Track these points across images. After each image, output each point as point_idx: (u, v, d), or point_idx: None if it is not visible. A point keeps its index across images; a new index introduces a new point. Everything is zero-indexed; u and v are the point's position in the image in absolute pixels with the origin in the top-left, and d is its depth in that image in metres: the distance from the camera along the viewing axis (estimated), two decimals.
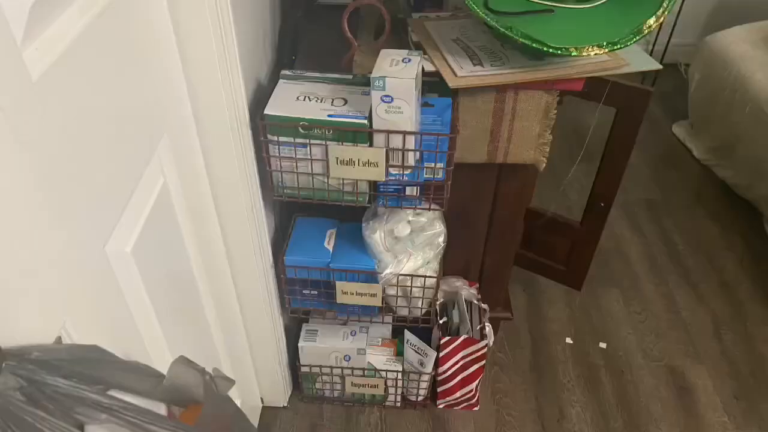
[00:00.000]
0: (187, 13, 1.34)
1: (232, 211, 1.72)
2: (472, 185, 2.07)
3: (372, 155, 1.62)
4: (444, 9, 2.04)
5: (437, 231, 1.94)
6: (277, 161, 1.68)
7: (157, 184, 1.35)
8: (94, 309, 1.06)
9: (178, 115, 1.46)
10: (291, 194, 1.75)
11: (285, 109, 1.61)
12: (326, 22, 2.15)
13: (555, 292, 2.90)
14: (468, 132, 1.83)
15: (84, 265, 1.04)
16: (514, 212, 2.15)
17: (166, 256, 1.43)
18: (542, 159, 1.88)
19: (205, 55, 1.40)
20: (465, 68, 1.69)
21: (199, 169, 1.59)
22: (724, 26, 3.68)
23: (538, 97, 1.77)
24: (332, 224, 2.06)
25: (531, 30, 1.58)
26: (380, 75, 1.50)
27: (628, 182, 3.50)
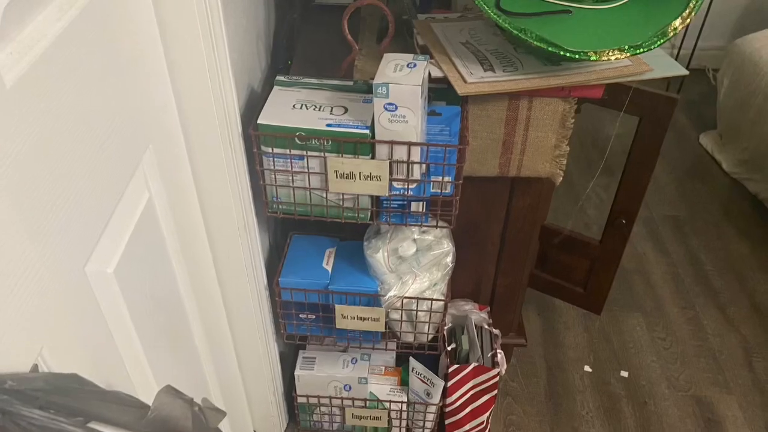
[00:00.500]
0: (174, 12, 1.34)
1: (222, 229, 1.72)
2: (482, 200, 2.07)
3: (374, 168, 1.62)
4: (452, 10, 2.05)
5: (445, 250, 1.93)
6: (272, 174, 1.68)
7: (141, 199, 1.34)
8: (74, 334, 1.06)
9: (163, 124, 1.46)
10: (286, 210, 1.75)
11: (280, 118, 1.61)
12: (325, 23, 2.16)
13: (572, 316, 2.90)
14: (478, 143, 1.83)
15: (62, 286, 1.03)
16: (528, 230, 2.15)
17: (151, 276, 1.42)
18: (558, 172, 1.88)
19: (193, 58, 1.40)
20: (475, 74, 1.69)
21: (187, 183, 1.59)
22: (755, 28, 3.69)
23: (554, 105, 1.77)
24: (331, 243, 2.05)
25: (546, 32, 1.58)
26: (383, 81, 1.50)
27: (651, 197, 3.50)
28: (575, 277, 2.83)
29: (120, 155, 1.23)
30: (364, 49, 1.89)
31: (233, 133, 1.58)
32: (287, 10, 2.11)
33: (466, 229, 2.12)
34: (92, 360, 1.12)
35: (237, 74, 1.58)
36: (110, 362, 1.23)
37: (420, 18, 1.94)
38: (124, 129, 1.24)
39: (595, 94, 1.73)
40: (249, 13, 1.74)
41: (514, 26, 1.59)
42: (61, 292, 1.03)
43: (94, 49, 1.12)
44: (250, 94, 1.74)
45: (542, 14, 1.66)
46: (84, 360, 1.08)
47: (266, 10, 1.95)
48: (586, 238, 2.71)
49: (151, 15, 1.33)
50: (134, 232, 1.28)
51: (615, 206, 2.54)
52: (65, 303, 1.04)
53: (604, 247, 2.65)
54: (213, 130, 1.53)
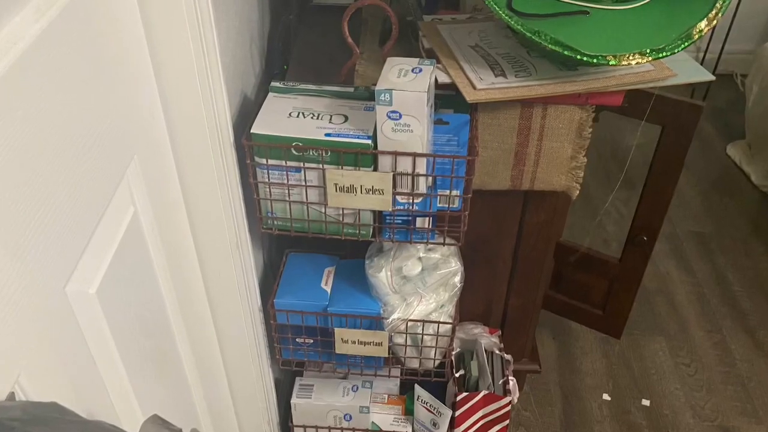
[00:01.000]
0: (161, 12, 1.34)
1: (213, 246, 1.72)
2: (493, 216, 2.07)
3: (377, 181, 1.62)
4: (460, 10, 2.05)
5: (453, 269, 1.93)
6: (266, 188, 1.68)
7: (126, 215, 1.34)
8: (53, 360, 1.06)
9: (150, 133, 1.46)
10: (282, 226, 1.75)
11: (275, 127, 1.61)
12: (323, 25, 2.16)
13: (590, 341, 2.89)
14: (489, 154, 1.83)
15: (41, 308, 1.03)
16: (543, 247, 2.15)
17: (136, 297, 1.42)
18: (575, 185, 1.88)
19: (182, 62, 1.40)
20: (485, 79, 1.69)
21: (175, 197, 1.59)
22: None
23: (570, 114, 1.77)
24: (330, 261, 2.05)
25: (562, 35, 1.58)
26: (386, 87, 1.50)
27: (674, 212, 3.50)
28: (593, 298, 2.83)
29: (103, 166, 1.23)
30: (366, 52, 1.89)
31: (225, 143, 1.58)
32: (283, 11, 2.11)
33: (475, 247, 2.12)
34: (73, 387, 1.12)
35: (229, 80, 1.58)
36: (92, 390, 1.23)
37: (426, 19, 1.94)
38: (108, 138, 1.24)
39: (614, 101, 1.73)
40: (242, 13, 1.74)
41: (527, 28, 1.59)
42: (40, 314, 1.02)
43: (75, 52, 1.11)
44: (242, 101, 1.74)
45: (557, 15, 1.66)
46: (64, 387, 1.08)
47: (260, 11, 1.95)
48: (605, 256, 2.71)
49: (136, 15, 1.33)
50: (118, 250, 1.28)
51: (636, 222, 2.54)
52: (44, 326, 1.04)
53: (624, 265, 2.65)
54: (203, 140, 1.53)
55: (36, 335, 1.00)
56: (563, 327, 2.93)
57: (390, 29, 1.79)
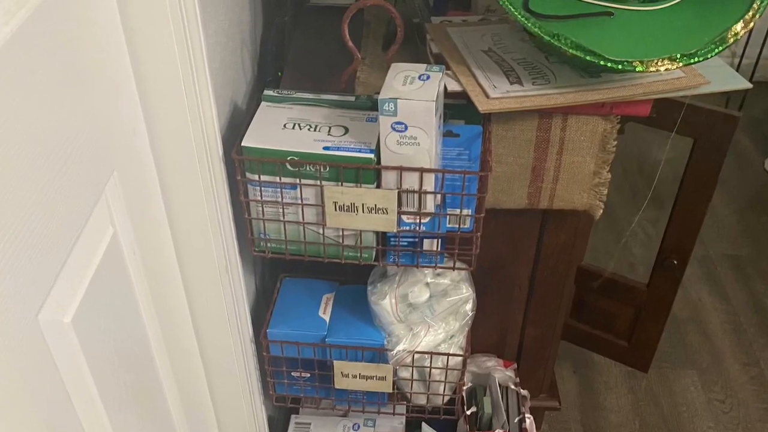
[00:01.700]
0: (143, 15, 1.33)
1: (200, 271, 1.71)
2: (508, 237, 2.07)
3: (380, 199, 1.61)
4: (472, 11, 2.05)
5: (464, 296, 1.93)
6: (258, 207, 1.68)
7: (104, 236, 1.34)
8: (24, 395, 1.05)
9: (131, 147, 1.46)
10: (276, 249, 1.75)
11: (268, 139, 1.61)
12: (321, 27, 2.16)
13: (614, 375, 2.89)
14: (503, 169, 1.83)
15: (11, 338, 1.03)
16: (562, 272, 2.15)
17: (115, 327, 1.42)
18: (598, 203, 1.88)
19: (166, 69, 1.40)
20: (499, 87, 1.69)
21: (159, 217, 1.59)
22: None
23: (592, 125, 1.77)
24: (329, 287, 2.05)
25: (584, 38, 1.58)
26: (390, 96, 1.50)
27: (707, 233, 3.50)
28: (618, 328, 2.82)
29: (79, 183, 1.23)
30: (368, 58, 1.89)
31: (213, 158, 1.58)
32: (276, 12, 2.11)
33: (488, 272, 2.12)
34: (46, 425, 1.12)
35: (217, 87, 1.58)
36: (67, 428, 1.23)
37: (434, 21, 1.95)
38: (85, 152, 1.24)
39: (641, 111, 1.73)
40: (232, 15, 1.74)
41: (545, 31, 1.59)
42: (10, 344, 1.02)
43: (49, 58, 1.11)
44: (232, 112, 1.74)
45: (579, 17, 1.66)
46: (37, 425, 1.07)
47: (252, 12, 1.96)
48: (631, 281, 2.70)
49: (115, 18, 1.32)
50: (96, 275, 1.28)
51: (665, 244, 2.53)
52: (14, 358, 1.03)
53: (652, 292, 2.65)
54: (189, 154, 1.52)
55: (5, 367, 1.00)
56: (585, 359, 2.92)
57: (395, 32, 1.79)
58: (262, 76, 2.01)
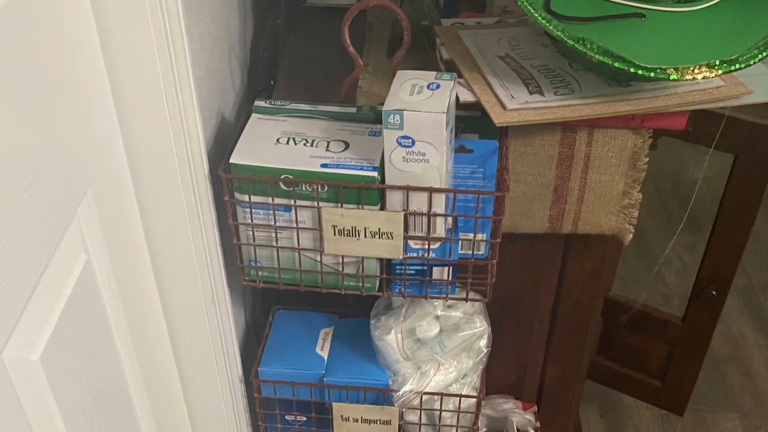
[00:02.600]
0: (120, 16, 1.33)
1: (183, 303, 1.71)
2: (527, 265, 2.06)
3: (384, 222, 1.61)
4: (487, 13, 2.05)
5: (478, 331, 1.92)
6: (249, 231, 1.68)
7: (76, 264, 1.34)
8: None
9: (106, 164, 1.46)
10: (268, 278, 1.75)
11: (260, 156, 1.61)
12: (318, 31, 2.16)
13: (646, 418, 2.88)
14: (522, 189, 1.83)
15: None
16: (588, 304, 2.14)
17: (89, 365, 1.41)
18: (628, 227, 1.88)
19: (145, 78, 1.40)
20: (517, 98, 1.69)
21: (137, 242, 1.59)
22: None
23: (622, 139, 1.76)
24: (327, 321, 2.05)
25: (611, 42, 1.57)
26: (396, 107, 1.50)
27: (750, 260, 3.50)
28: (650, 366, 2.82)
29: (49, 204, 1.22)
30: (371, 64, 1.89)
31: (198, 176, 1.57)
32: (269, 14, 2.12)
33: (505, 303, 2.12)
34: None
35: (203, 98, 1.58)
36: None
37: (445, 24, 1.95)
38: (55, 170, 1.24)
39: (676, 124, 1.72)
40: (219, 18, 1.74)
41: (569, 35, 1.59)
42: None
43: (14, 67, 1.11)
44: (220, 125, 1.74)
45: (606, 18, 1.66)
46: None
47: (241, 15, 1.96)
48: (665, 314, 2.70)
49: (89, 21, 1.32)
50: (67, 307, 1.27)
51: (702, 272, 2.53)
52: None
53: (687, 326, 2.64)
54: (171, 172, 1.52)
55: None
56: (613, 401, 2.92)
57: (400, 36, 1.79)
58: (252, 85, 2.01)
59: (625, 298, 2.70)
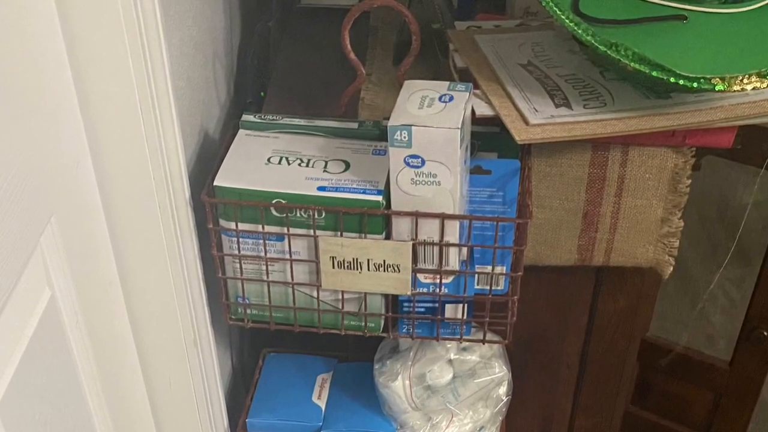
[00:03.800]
0: (89, 20, 1.33)
1: (161, 345, 1.71)
2: (553, 302, 2.06)
3: (390, 253, 1.61)
4: (507, 15, 2.05)
5: (496, 377, 1.92)
6: (236, 263, 1.68)
7: (39, 300, 1.34)
8: None
9: (73, 186, 1.46)
10: (258, 317, 1.75)
11: (248, 178, 1.61)
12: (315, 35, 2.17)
13: None
14: (547, 216, 1.83)
15: None
16: (622, 346, 2.14)
17: (53, 415, 1.41)
18: (667, 259, 1.88)
19: (117, 87, 1.40)
20: (542, 111, 1.68)
21: (109, 276, 1.59)
22: None
23: (660, 159, 1.76)
24: (325, 365, 2.05)
25: (648, 48, 1.57)
26: (404, 122, 1.49)
27: None
28: (693, 417, 2.81)
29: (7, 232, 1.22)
30: (375, 73, 1.89)
31: (177, 200, 1.57)
32: (258, 16, 2.12)
33: (528, 346, 2.12)
34: None
35: (183, 111, 1.58)
36: None
37: (458, 27, 1.95)
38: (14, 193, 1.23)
39: (722, 141, 1.72)
40: (202, 20, 1.75)
41: (600, 40, 1.58)
42: None
43: None
44: (202, 142, 1.74)
45: (643, 21, 1.66)
46: None
47: (227, 17, 1.96)
48: (709, 358, 2.70)
49: (54, 25, 1.32)
50: (28, 349, 1.27)
51: (752, 310, 2.53)
52: None
53: (736, 371, 2.64)
54: (146, 195, 1.52)
55: None
56: None
57: (409, 41, 1.79)
58: (240, 96, 2.01)
59: (664, 340, 2.70)
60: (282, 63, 2.10)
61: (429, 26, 1.97)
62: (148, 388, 1.76)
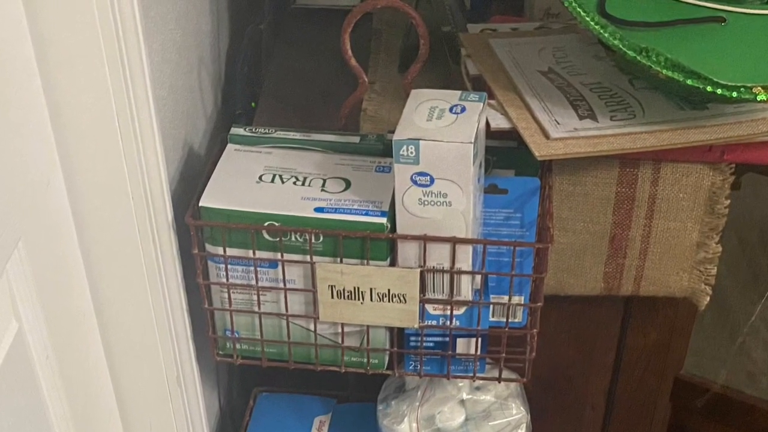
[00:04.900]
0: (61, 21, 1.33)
1: (141, 384, 1.71)
2: (576, 336, 2.06)
3: (395, 282, 1.61)
4: (525, 16, 2.05)
5: (514, 418, 1.92)
6: (224, 293, 1.68)
7: (5, 334, 1.33)
8: None
9: (43, 206, 1.45)
10: (248, 352, 1.75)
11: (237, 197, 1.61)
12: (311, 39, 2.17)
13: None
14: (569, 240, 1.83)
15: None
16: (653, 385, 2.14)
17: None
18: (703, 288, 1.88)
19: (92, 97, 1.39)
20: (564, 124, 1.68)
21: (83, 307, 1.58)
22: None
23: (696, 177, 1.76)
24: (323, 406, 2.05)
25: (682, 54, 1.57)
26: (411, 136, 1.49)
27: None
28: None
29: None
30: (379, 81, 1.89)
31: (159, 223, 1.57)
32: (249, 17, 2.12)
33: (549, 385, 2.12)
34: None
35: (166, 124, 1.58)
36: None
37: (471, 30, 1.94)
38: None
39: (764, 157, 1.72)
40: (186, 22, 1.75)
41: (629, 44, 1.58)
42: None
43: None
44: (187, 158, 1.74)
45: (677, 24, 1.66)
46: None
47: (215, 19, 1.96)
48: (750, 398, 2.70)
49: (22, 28, 1.32)
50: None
51: None
52: None
53: None
54: (124, 217, 1.52)
55: None
56: None
57: (416, 46, 1.79)
58: (228, 107, 2.01)
59: (700, 378, 2.69)
60: (275, 70, 2.10)
61: (438, 29, 1.97)
62: (126, 430, 1.76)
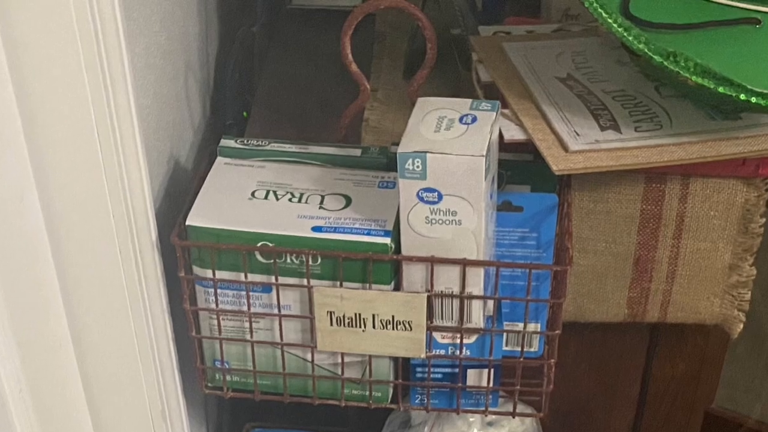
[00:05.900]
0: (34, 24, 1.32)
1: (121, 418, 1.71)
2: (598, 367, 2.06)
3: (400, 307, 1.60)
4: (542, 18, 2.05)
5: None
6: (213, 319, 1.67)
7: None
8: None
9: (15, 224, 1.45)
10: (240, 384, 1.74)
11: (228, 215, 1.61)
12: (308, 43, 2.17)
13: None
14: (590, 262, 1.82)
15: None
16: (682, 420, 2.14)
17: None
18: (736, 314, 1.87)
19: (68, 105, 1.39)
20: (584, 135, 1.68)
21: (58, 333, 1.58)
22: None
23: (728, 193, 1.76)
24: None
25: (713, 59, 1.57)
26: (417, 149, 1.49)
27: None
28: None
29: None
30: (382, 89, 1.89)
31: (142, 243, 1.57)
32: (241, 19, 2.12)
33: (568, 419, 2.12)
34: None
35: (149, 135, 1.58)
36: None
37: (483, 33, 1.94)
38: None
39: None
40: (172, 24, 1.75)
41: (655, 48, 1.58)
42: None
43: None
44: (173, 173, 1.74)
45: (707, 26, 1.65)
46: None
47: (203, 21, 1.96)
48: None
49: None
50: None
51: None
52: None
53: None
54: (104, 237, 1.52)
55: None
56: None
57: (422, 50, 1.79)
58: (218, 117, 2.01)
59: (733, 413, 2.69)
60: (269, 76, 2.10)
61: (447, 32, 1.97)
62: None
